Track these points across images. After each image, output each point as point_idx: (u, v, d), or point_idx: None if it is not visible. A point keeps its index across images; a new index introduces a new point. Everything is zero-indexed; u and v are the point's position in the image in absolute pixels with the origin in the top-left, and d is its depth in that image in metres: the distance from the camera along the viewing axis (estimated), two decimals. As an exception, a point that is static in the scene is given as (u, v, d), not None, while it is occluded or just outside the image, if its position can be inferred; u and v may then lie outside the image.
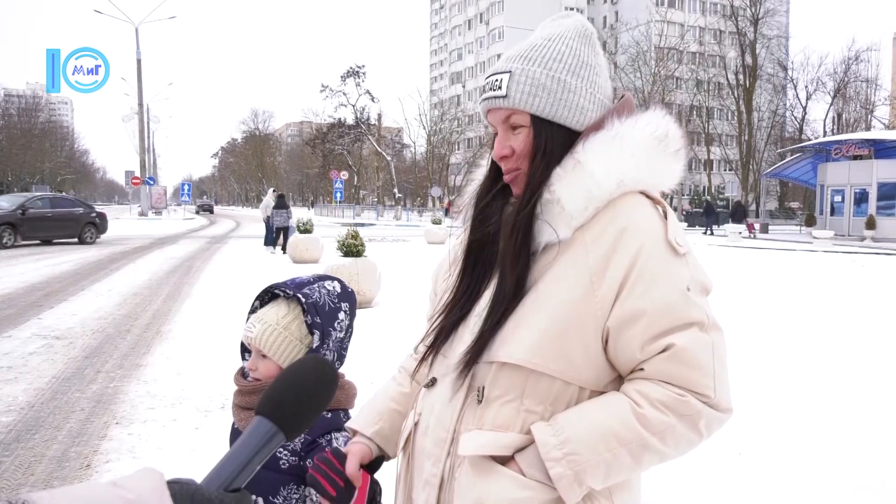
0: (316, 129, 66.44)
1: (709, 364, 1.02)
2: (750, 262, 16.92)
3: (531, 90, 1.09)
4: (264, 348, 1.44)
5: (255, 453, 0.68)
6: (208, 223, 40.67)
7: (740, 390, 4.78)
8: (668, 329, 1.01)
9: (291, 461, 1.43)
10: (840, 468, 3.54)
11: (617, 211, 1.07)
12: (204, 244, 20.95)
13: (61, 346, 6.29)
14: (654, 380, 1.02)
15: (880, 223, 26.73)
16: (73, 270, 12.70)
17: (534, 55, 1.12)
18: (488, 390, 1.07)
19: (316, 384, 0.77)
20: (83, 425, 4.14)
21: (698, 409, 1.01)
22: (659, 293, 1.02)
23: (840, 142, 30.85)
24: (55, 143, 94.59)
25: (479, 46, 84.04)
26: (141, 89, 40.74)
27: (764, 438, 3.94)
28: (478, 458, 1.05)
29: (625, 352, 1.04)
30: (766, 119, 52.48)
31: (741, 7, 47.18)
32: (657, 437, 1.00)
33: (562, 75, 1.10)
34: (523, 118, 1.11)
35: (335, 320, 1.49)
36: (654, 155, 1.10)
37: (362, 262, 8.77)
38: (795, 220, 45.46)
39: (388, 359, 5.63)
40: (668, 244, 1.05)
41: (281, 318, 1.46)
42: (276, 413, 0.71)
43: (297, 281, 1.51)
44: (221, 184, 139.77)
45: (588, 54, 1.14)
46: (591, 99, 1.12)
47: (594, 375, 1.06)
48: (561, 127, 1.11)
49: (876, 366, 5.78)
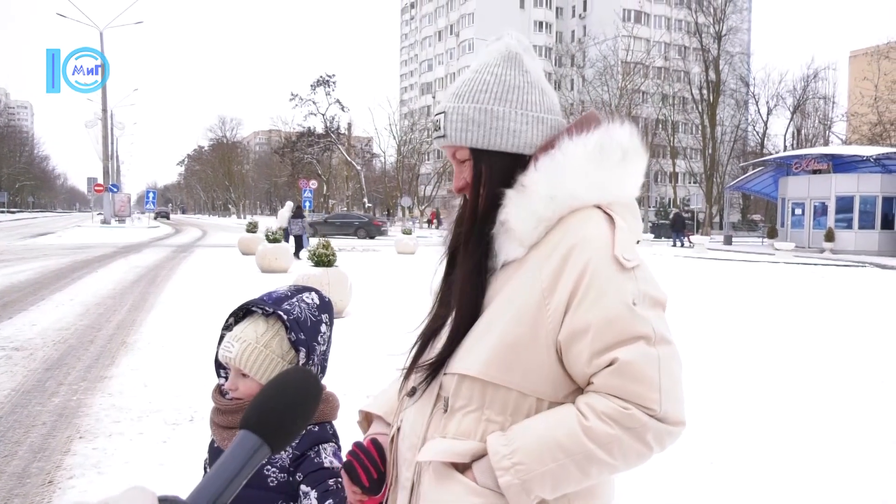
0: (285, 137, 65.87)
1: (654, 378, 1.03)
2: (714, 273, 17.25)
3: (463, 125, 1.16)
4: (245, 367, 1.40)
5: (240, 468, 0.67)
6: (174, 231, 39.96)
7: (709, 400, 4.87)
8: (613, 343, 1.04)
9: (280, 478, 1.40)
10: (809, 477, 3.61)
11: (567, 227, 1.11)
12: (170, 253, 20.55)
13: (21, 358, 6.09)
14: (601, 392, 1.05)
15: (839, 236, 27.54)
16: (33, 279, 12.34)
17: (463, 91, 1.18)
18: (452, 401, 1.12)
19: (301, 396, 0.76)
20: (45, 440, 4.01)
21: (643, 421, 1.02)
22: (604, 307, 1.04)
23: (800, 156, 31.73)
24: (14, 149, 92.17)
25: (450, 58, 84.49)
26: (105, 95, 39.92)
27: (735, 448, 4.00)
28: (439, 464, 1.09)
29: (574, 366, 1.08)
30: (729, 133, 53.77)
31: (705, 24, 48.33)
32: (603, 449, 1.02)
33: (488, 105, 1.15)
34: (464, 152, 1.18)
35: (318, 334, 1.46)
36: (598, 168, 1.13)
37: (333, 271, 8.71)
38: (758, 231, 46.59)
39: (361, 369, 5.60)
40: (615, 259, 1.07)
41: (260, 336, 1.42)
42: (262, 426, 0.70)
43: (275, 296, 1.47)
44: (187, 192, 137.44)
45: (514, 76, 1.18)
46: (524, 119, 1.16)
47: (551, 387, 1.09)
48: (499, 153, 1.17)
49: (841, 374, 5.93)
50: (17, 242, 24.45)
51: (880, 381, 5.76)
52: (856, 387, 5.53)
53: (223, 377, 1.52)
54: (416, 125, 64.40)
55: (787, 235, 30.26)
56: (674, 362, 1.06)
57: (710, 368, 5.75)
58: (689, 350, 5.12)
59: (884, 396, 5.26)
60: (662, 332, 1.06)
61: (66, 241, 25.39)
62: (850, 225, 28.11)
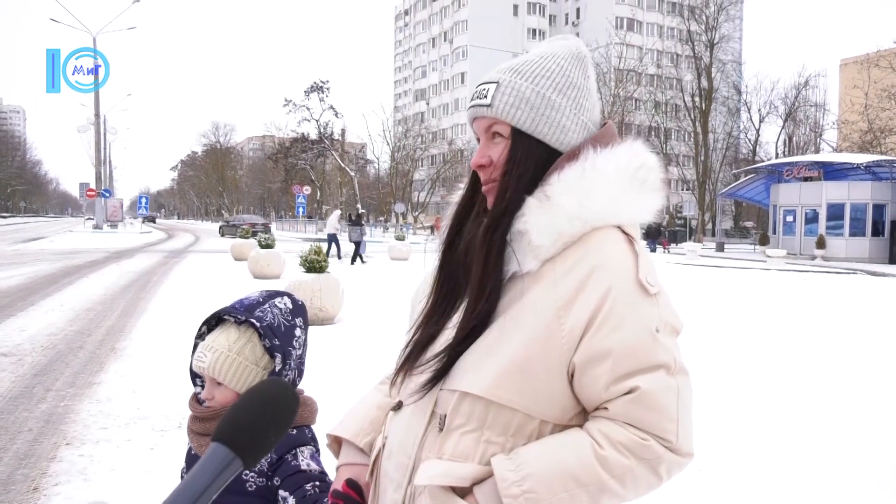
0: (279, 143, 65.83)
1: (673, 408, 1.01)
2: (706, 280, 17.31)
3: (514, 102, 1.09)
4: (219, 376, 1.40)
5: (210, 482, 0.65)
6: (166, 237, 39.80)
7: (699, 406, 4.86)
8: (634, 371, 1.00)
9: (259, 483, 1.39)
10: (799, 484, 3.62)
11: (589, 246, 1.05)
12: (161, 258, 20.46)
13: (9, 364, 6.04)
14: (617, 421, 1.01)
15: (830, 243, 27.71)
16: (23, 284, 12.25)
17: (524, 69, 1.12)
18: (450, 419, 1.05)
19: (277, 409, 0.74)
20: (31, 446, 3.97)
21: (659, 453, 1.00)
22: (627, 334, 1.00)
23: (791, 164, 31.93)
24: (6, 153, 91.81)
25: (443, 64, 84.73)
26: (98, 100, 39.79)
27: (724, 455, 4.00)
28: (437, 488, 1.03)
29: (589, 389, 1.03)
30: (721, 140, 54.03)
31: (697, 32, 48.67)
32: (616, 480, 0.99)
33: (547, 92, 1.10)
34: (504, 129, 1.11)
35: (293, 338, 1.45)
36: (626, 187, 1.09)
37: (325, 278, 8.67)
38: (750, 238, 46.77)
39: (352, 375, 5.59)
40: (639, 284, 1.03)
41: (232, 344, 1.41)
42: (234, 439, 0.68)
43: (247, 303, 1.46)
44: (181, 197, 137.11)
45: (578, 76, 1.14)
46: (575, 120, 1.11)
47: (558, 410, 1.04)
48: (540, 143, 1.11)
49: (833, 381, 5.95)
50: (9, 247, 24.28)
51: (872, 387, 5.77)
52: (847, 393, 5.54)
53: (199, 385, 1.51)
54: (409, 131, 64.45)
55: (778, 242, 30.40)
56: (689, 393, 1.05)
57: (700, 374, 5.75)
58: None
59: (875, 403, 5.27)
60: (681, 362, 1.04)
61: (58, 246, 25.23)
62: (840, 232, 28.29)
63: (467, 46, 78.44)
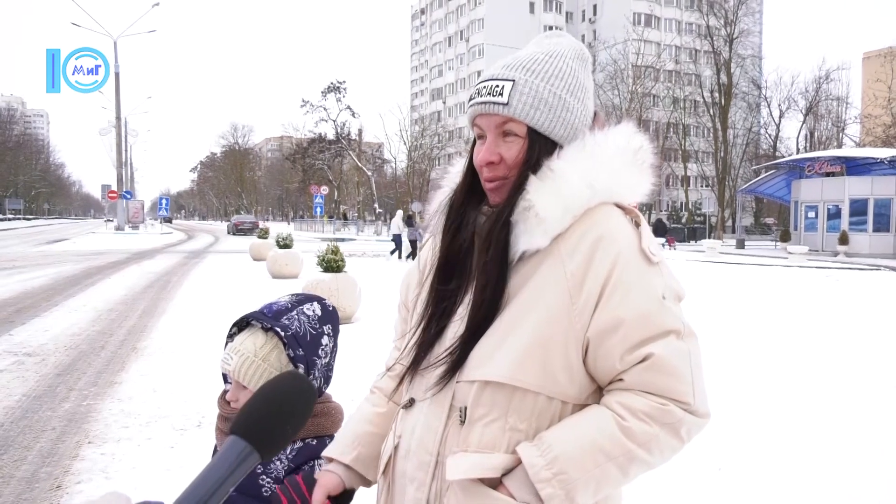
0: (296, 143, 66.31)
1: (686, 371, 1.03)
2: (726, 277, 17.11)
3: (533, 102, 1.09)
4: (243, 380, 1.39)
5: (228, 475, 0.66)
6: (186, 238, 40.22)
7: (720, 405, 4.81)
8: (647, 338, 1.02)
9: (274, 489, 1.37)
10: (819, 484, 3.56)
11: (593, 220, 1.07)
12: (181, 259, 20.68)
13: (33, 364, 6.15)
14: (634, 390, 1.03)
15: (853, 239, 27.23)
16: (47, 285, 12.46)
17: (536, 68, 1.12)
18: (471, 410, 1.05)
19: (293, 402, 0.74)
20: (54, 445, 4.04)
21: (680, 416, 1.02)
22: (635, 302, 1.02)
23: (813, 159, 31.44)
24: (30, 157, 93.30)
25: (460, 63, 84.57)
26: (119, 102, 40.27)
27: (744, 454, 3.95)
28: (468, 481, 1.03)
29: (604, 362, 1.04)
30: (741, 136, 53.44)
31: (716, 27, 48.08)
32: (643, 448, 1.01)
33: (562, 93, 1.11)
34: (520, 128, 1.10)
35: (318, 347, 1.43)
36: (626, 165, 1.12)
37: (342, 277, 8.71)
38: (770, 235, 46.17)
39: (370, 375, 5.58)
40: (643, 253, 1.06)
41: (259, 349, 1.39)
42: (251, 432, 0.69)
43: (275, 308, 1.44)
44: (200, 198, 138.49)
45: (584, 77, 1.17)
46: (583, 120, 1.14)
47: (576, 389, 1.05)
48: (553, 143, 1.12)
49: (855, 379, 5.86)
50: (33, 249, 24.72)
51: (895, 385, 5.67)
52: (870, 392, 5.45)
53: (230, 383, 1.51)
54: (426, 130, 64.48)
55: (800, 239, 29.95)
56: (699, 355, 1.08)
57: (721, 372, 5.69)
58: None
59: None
60: (689, 326, 1.06)
61: (81, 247, 25.61)
62: (863, 228, 27.80)
63: (483, 45, 78.18)
